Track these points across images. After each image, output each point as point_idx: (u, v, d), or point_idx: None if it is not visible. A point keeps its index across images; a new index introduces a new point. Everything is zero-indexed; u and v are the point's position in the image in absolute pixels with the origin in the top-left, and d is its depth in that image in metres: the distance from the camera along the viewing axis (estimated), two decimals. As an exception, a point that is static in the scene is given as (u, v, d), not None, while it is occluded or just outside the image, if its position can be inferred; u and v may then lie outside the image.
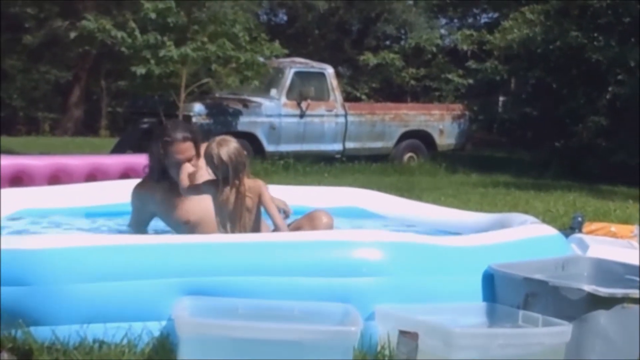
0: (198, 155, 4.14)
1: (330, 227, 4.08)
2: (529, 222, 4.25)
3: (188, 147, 4.14)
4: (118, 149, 12.06)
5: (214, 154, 3.78)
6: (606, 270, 3.68)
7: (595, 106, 14.26)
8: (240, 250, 3.32)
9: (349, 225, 4.86)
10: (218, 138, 3.88)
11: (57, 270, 3.09)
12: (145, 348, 3.06)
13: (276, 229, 3.88)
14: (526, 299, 3.24)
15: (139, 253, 3.24)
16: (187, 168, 4.11)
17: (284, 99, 13.02)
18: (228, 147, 3.80)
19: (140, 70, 11.50)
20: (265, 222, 3.98)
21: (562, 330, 3.01)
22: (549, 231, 4.10)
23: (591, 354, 3.08)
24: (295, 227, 4.10)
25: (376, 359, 3.11)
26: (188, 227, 4.17)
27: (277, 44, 12.87)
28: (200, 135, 4.27)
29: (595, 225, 5.45)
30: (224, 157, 3.76)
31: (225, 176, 3.80)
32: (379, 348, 3.15)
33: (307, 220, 4.14)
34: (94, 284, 3.09)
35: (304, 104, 13.09)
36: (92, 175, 6.90)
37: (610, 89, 14.14)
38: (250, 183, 3.86)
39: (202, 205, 4.08)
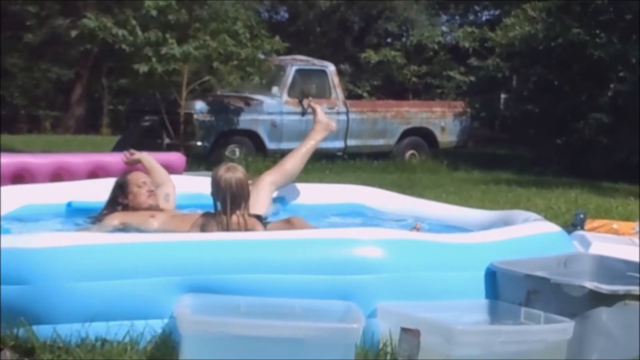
0: None
1: None
2: (532, 219, 4.25)
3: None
4: (120, 147, 12.05)
5: (219, 176, 3.82)
6: (608, 268, 3.68)
7: (597, 103, 14.23)
8: (241, 247, 3.32)
9: (350, 222, 4.85)
10: (229, 164, 3.93)
11: (58, 268, 3.09)
12: (147, 346, 3.07)
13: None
14: (528, 296, 3.24)
15: (140, 251, 3.24)
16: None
17: (285, 97, 13.00)
18: (234, 174, 3.83)
19: (143, 67, 11.48)
20: None
21: (564, 327, 3.01)
22: (552, 228, 4.10)
23: (593, 350, 3.08)
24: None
25: (378, 357, 3.11)
26: None
27: (277, 38, 12.86)
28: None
29: (597, 223, 5.45)
30: (227, 182, 3.80)
31: (222, 203, 3.83)
32: (380, 345, 3.15)
33: (287, 225, 4.12)
34: (96, 282, 3.10)
35: (305, 102, 13.07)
36: (94, 173, 6.88)
37: (612, 86, 14.12)
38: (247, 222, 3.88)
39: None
